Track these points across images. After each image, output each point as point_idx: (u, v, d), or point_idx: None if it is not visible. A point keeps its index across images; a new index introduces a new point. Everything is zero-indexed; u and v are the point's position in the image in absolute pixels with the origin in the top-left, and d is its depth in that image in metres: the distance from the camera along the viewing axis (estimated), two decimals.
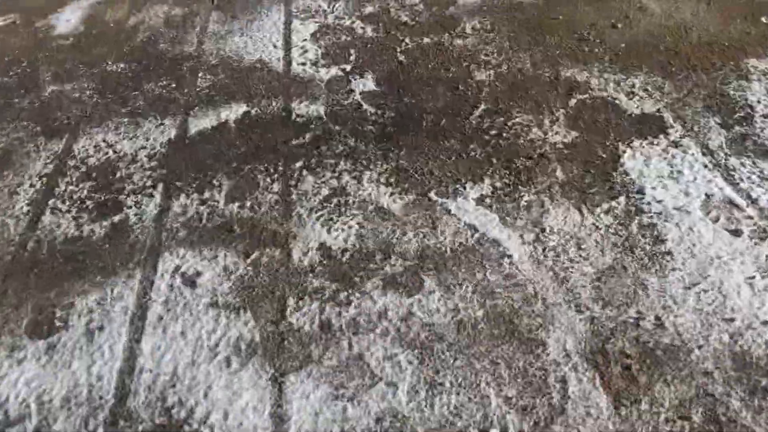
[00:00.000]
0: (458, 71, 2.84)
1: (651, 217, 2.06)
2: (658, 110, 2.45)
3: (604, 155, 2.29)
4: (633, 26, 2.92)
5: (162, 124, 2.83)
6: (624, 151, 2.29)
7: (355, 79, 2.90)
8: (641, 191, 2.14)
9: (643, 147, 2.31)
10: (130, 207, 2.43)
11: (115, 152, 2.71)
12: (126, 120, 2.90)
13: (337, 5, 3.49)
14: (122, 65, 3.31)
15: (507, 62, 2.83)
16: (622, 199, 2.13)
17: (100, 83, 3.18)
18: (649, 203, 2.10)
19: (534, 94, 2.63)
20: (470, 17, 3.18)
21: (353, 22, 3.33)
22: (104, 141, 2.78)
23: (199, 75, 3.11)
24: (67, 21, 3.80)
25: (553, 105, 2.55)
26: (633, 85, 2.58)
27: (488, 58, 2.88)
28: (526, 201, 2.17)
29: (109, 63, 3.34)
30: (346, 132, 2.62)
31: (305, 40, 3.25)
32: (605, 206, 2.11)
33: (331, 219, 2.25)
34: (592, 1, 3.14)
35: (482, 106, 2.61)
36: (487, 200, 2.21)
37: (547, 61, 2.79)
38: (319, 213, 2.27)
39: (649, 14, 2.98)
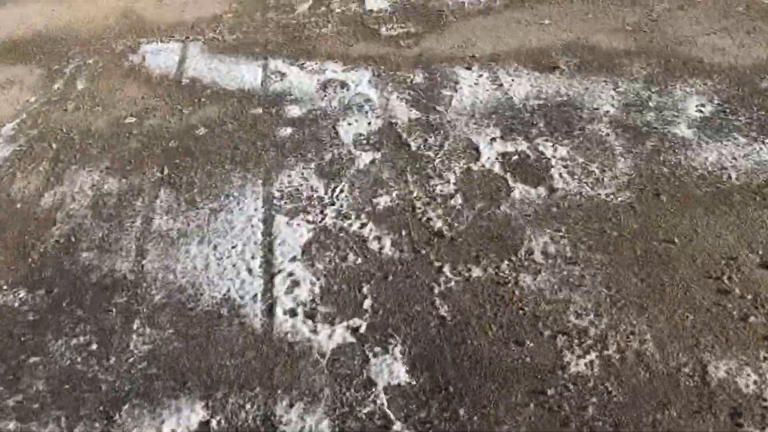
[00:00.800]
0: (538, 348, 1.78)
1: None
2: None
3: None
4: None
5: None
6: None
7: (374, 355, 1.83)
8: None
9: None
10: None
11: None
12: (12, 426, 1.79)
13: (337, 191, 2.43)
14: (22, 294, 2.22)
15: (614, 334, 1.78)
16: None
17: None
18: None
19: (675, 417, 1.57)
20: (536, 229, 2.14)
21: (363, 226, 2.27)
22: None
23: (135, 327, 2.03)
24: None
25: None
26: None
27: (581, 323, 1.83)
28: None
29: (5, 288, 2.23)
30: None
31: (294, 258, 2.18)
32: None
33: None
34: (715, 209, 2.12)
35: None
36: None
37: (678, 339, 1.76)
38: None
39: None
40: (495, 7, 3.58)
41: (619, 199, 2.24)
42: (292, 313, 2.02)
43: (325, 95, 3.03)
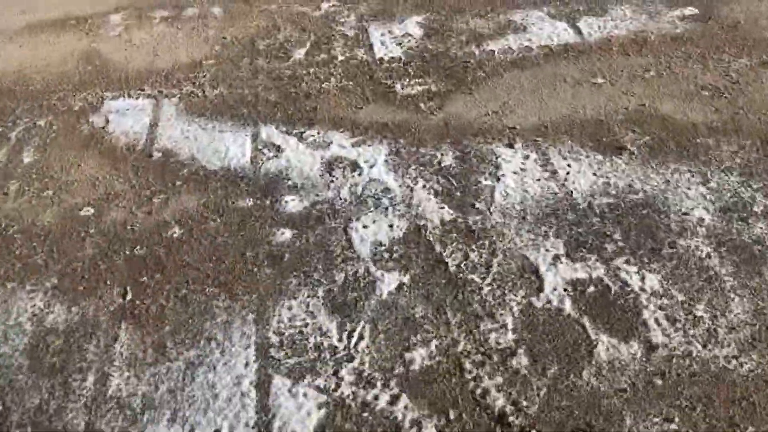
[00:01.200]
0: None
1: None
2: None
3: None
4: None
5: None
6: None
7: None
8: None
9: None
10: None
11: None
12: None
13: (355, 336, 1.80)
14: None
15: None
16: None
17: None
18: None
19: None
20: (638, 416, 1.54)
21: (394, 400, 1.65)
22: None
23: None
24: None
25: None
26: None
27: None
28: None
29: None
30: None
31: None
32: None
33: None
34: None
35: None
36: None
37: None
38: None
39: None
40: (531, 58, 2.96)
41: (745, 366, 1.62)
42: None
43: (332, 180, 2.40)
